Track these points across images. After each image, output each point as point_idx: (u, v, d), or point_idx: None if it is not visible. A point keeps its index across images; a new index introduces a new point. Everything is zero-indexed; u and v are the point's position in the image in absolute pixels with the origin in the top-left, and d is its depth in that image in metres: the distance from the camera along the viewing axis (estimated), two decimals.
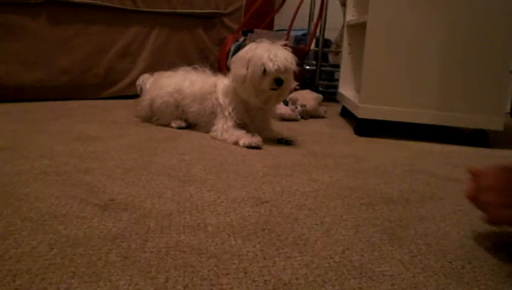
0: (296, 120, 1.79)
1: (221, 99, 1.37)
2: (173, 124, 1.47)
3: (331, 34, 2.74)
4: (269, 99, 1.33)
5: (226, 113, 1.35)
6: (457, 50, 1.53)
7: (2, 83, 1.72)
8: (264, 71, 1.26)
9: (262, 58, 1.26)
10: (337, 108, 2.11)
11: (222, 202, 0.83)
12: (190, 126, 1.47)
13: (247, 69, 1.28)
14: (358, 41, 2.01)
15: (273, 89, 1.28)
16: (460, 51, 1.52)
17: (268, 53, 1.27)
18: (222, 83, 1.40)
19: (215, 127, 1.36)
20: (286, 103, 1.86)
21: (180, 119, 1.48)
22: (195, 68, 1.52)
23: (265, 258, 0.62)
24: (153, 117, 1.51)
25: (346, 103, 1.90)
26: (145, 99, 1.53)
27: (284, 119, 1.76)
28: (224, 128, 1.34)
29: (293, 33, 2.27)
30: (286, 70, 1.28)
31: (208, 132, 1.39)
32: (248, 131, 1.33)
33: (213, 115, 1.40)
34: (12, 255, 0.58)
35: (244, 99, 1.33)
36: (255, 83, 1.28)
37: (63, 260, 0.58)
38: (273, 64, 1.25)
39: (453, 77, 1.54)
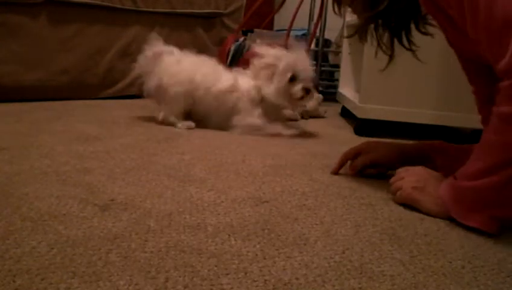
0: (295, 120, 1.79)
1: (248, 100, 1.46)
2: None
3: (331, 34, 2.74)
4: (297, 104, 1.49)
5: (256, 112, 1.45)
6: None
7: (2, 83, 1.72)
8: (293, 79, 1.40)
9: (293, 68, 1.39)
10: (337, 108, 2.11)
11: (222, 202, 0.83)
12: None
13: (279, 77, 1.41)
14: (358, 41, 2.01)
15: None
16: None
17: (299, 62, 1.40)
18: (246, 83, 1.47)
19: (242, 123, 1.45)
20: None
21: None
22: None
23: (265, 258, 0.62)
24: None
25: (346, 103, 1.90)
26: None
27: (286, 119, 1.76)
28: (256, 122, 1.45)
29: (293, 33, 2.27)
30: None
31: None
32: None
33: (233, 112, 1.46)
34: (12, 255, 0.58)
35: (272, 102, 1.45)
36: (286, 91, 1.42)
37: (63, 260, 0.58)
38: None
39: (453, 76, 1.54)
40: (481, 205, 0.80)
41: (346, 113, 1.97)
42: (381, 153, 1.06)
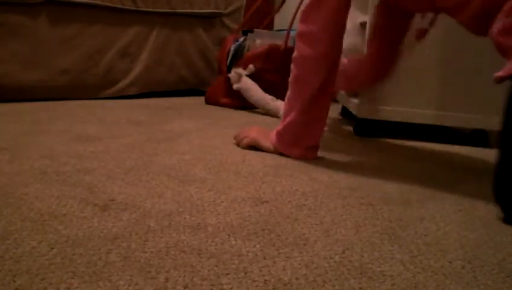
0: None
1: None
2: None
3: None
4: None
5: None
6: (458, 49, 1.53)
7: (2, 83, 1.72)
8: None
9: None
10: (337, 108, 2.11)
11: (222, 202, 0.83)
12: None
13: None
14: None
15: None
16: (460, 51, 1.52)
17: None
18: None
19: None
20: None
21: None
22: None
23: (265, 258, 0.62)
24: None
25: (346, 103, 1.90)
26: None
27: None
28: None
29: (293, 33, 2.27)
30: None
31: None
32: None
33: None
34: (12, 255, 0.58)
35: None
36: None
37: (63, 260, 0.58)
38: None
39: (453, 76, 1.54)
40: (295, 139, 1.12)
41: (346, 113, 1.97)
42: None
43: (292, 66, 1.11)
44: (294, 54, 1.10)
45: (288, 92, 1.13)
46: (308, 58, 1.08)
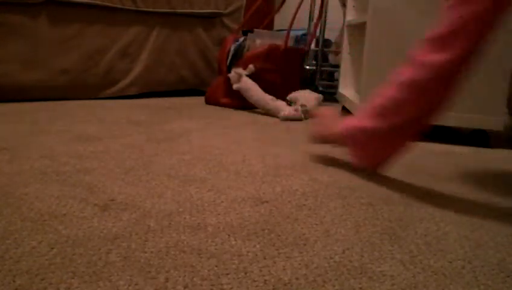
0: (299, 120, 1.80)
1: None
2: None
3: (331, 34, 2.74)
4: None
5: None
6: None
7: (1, 83, 1.72)
8: None
9: None
10: (337, 108, 2.11)
11: (222, 202, 0.83)
12: None
13: None
14: (358, 41, 2.01)
15: None
16: None
17: None
18: None
19: None
20: (290, 103, 1.86)
21: None
22: None
23: (265, 258, 0.62)
24: None
25: (346, 103, 1.90)
26: None
27: (288, 119, 1.76)
28: None
29: (293, 33, 2.27)
30: None
31: None
32: None
33: None
34: (12, 255, 0.58)
35: None
36: None
37: (63, 260, 0.58)
38: None
39: None
40: (368, 145, 1.02)
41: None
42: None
43: (396, 86, 1.00)
44: (406, 76, 0.99)
45: (386, 95, 1.00)
46: (418, 83, 0.96)
